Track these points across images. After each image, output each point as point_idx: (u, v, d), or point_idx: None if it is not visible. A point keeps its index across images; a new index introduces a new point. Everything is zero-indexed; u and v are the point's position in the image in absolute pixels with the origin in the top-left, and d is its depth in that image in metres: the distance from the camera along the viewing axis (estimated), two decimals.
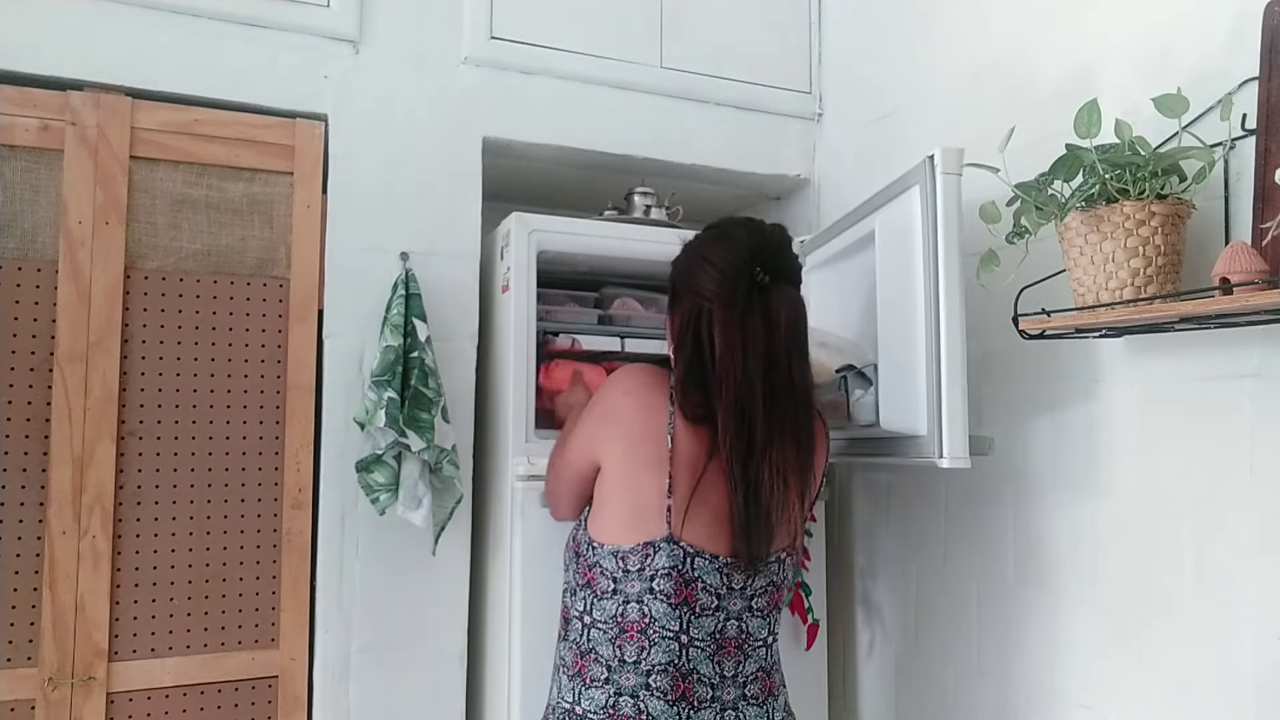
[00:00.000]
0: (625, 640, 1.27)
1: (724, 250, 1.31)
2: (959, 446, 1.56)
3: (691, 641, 1.28)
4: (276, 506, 1.84)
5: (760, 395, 1.26)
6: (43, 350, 1.68)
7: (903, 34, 2.11)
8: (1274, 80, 1.28)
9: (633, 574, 1.28)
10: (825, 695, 2.11)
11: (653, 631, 1.27)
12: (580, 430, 1.39)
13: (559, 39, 2.12)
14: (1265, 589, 1.32)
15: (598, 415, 1.37)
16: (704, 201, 2.54)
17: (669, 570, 1.27)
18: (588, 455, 1.37)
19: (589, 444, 1.37)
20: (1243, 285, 1.16)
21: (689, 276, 1.34)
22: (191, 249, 1.81)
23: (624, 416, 1.33)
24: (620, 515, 1.30)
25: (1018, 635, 1.75)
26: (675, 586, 1.27)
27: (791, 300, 1.33)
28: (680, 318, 1.35)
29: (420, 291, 1.89)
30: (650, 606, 1.27)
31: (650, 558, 1.27)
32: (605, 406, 1.36)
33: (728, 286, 1.28)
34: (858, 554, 2.23)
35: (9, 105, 1.67)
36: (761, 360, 1.27)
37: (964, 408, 1.57)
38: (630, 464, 1.30)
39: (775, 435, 1.27)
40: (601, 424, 1.36)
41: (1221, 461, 1.38)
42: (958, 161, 1.59)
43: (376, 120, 1.96)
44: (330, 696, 1.84)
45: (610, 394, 1.37)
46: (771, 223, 1.39)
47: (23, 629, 1.65)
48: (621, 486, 1.31)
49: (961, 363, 1.58)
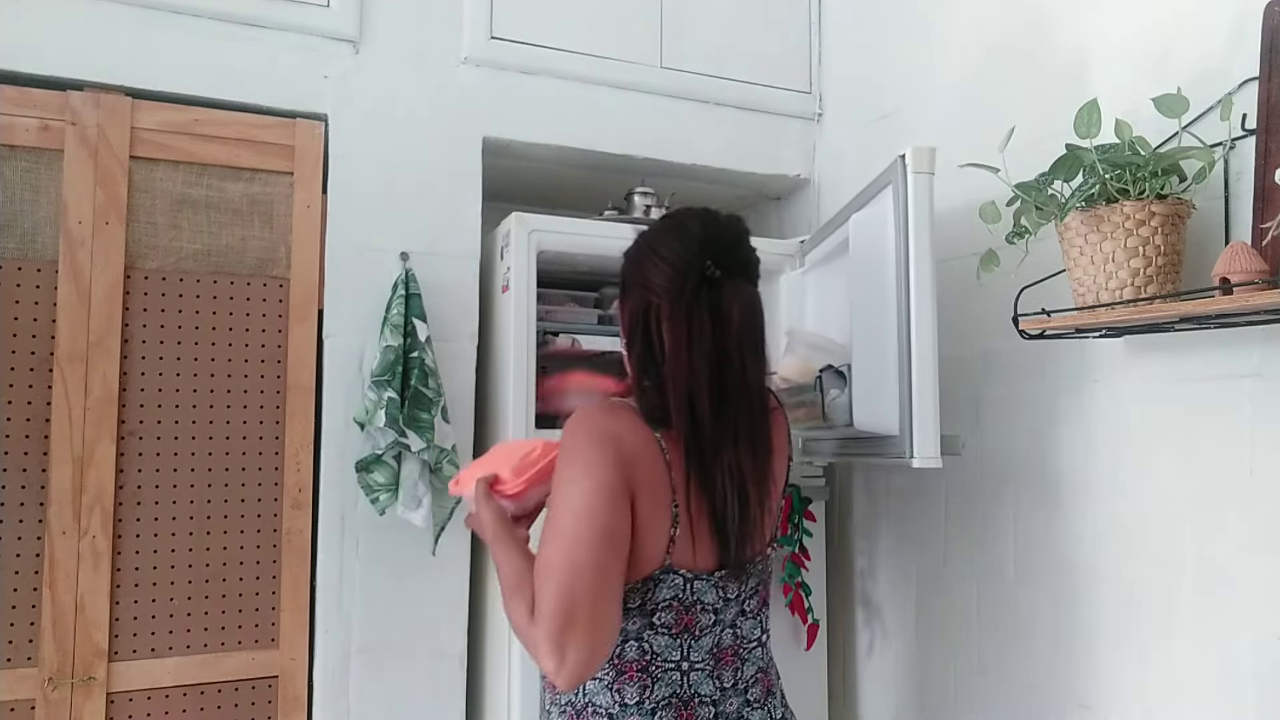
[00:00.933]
0: (625, 683, 1.18)
1: (674, 242, 1.23)
2: (929, 446, 1.57)
3: (692, 666, 1.21)
4: (276, 506, 1.84)
5: (708, 396, 1.17)
6: (43, 350, 1.68)
7: (903, 34, 2.11)
8: (1274, 80, 1.28)
9: (632, 611, 1.18)
10: (825, 695, 2.11)
11: (654, 668, 1.19)
12: (591, 485, 1.11)
13: (559, 39, 2.12)
14: (1265, 589, 1.32)
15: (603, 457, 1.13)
16: (704, 201, 2.49)
17: (670, 601, 1.18)
18: (623, 500, 1.12)
19: (617, 487, 1.11)
20: (1243, 285, 1.16)
21: (638, 269, 1.25)
22: (191, 249, 1.81)
23: (626, 450, 1.15)
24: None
25: (1018, 635, 1.75)
26: (677, 616, 1.19)
27: (746, 296, 1.24)
28: (629, 313, 1.25)
29: (420, 291, 1.89)
30: (651, 642, 1.18)
31: (650, 592, 1.17)
32: (602, 446, 1.14)
33: (677, 280, 1.19)
34: (858, 554, 2.23)
35: (9, 105, 1.67)
36: (709, 359, 1.18)
37: (935, 408, 1.58)
38: (651, 507, 1.15)
39: (728, 438, 1.18)
40: (614, 465, 1.13)
41: (1221, 461, 1.38)
42: (930, 161, 1.60)
43: (376, 120, 1.96)
44: (330, 696, 1.84)
45: (596, 433, 1.16)
46: (729, 214, 1.30)
47: (23, 629, 1.65)
48: (638, 532, 1.15)
49: (932, 363, 1.58)
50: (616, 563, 1.10)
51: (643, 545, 1.15)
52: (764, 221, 2.65)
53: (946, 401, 1.93)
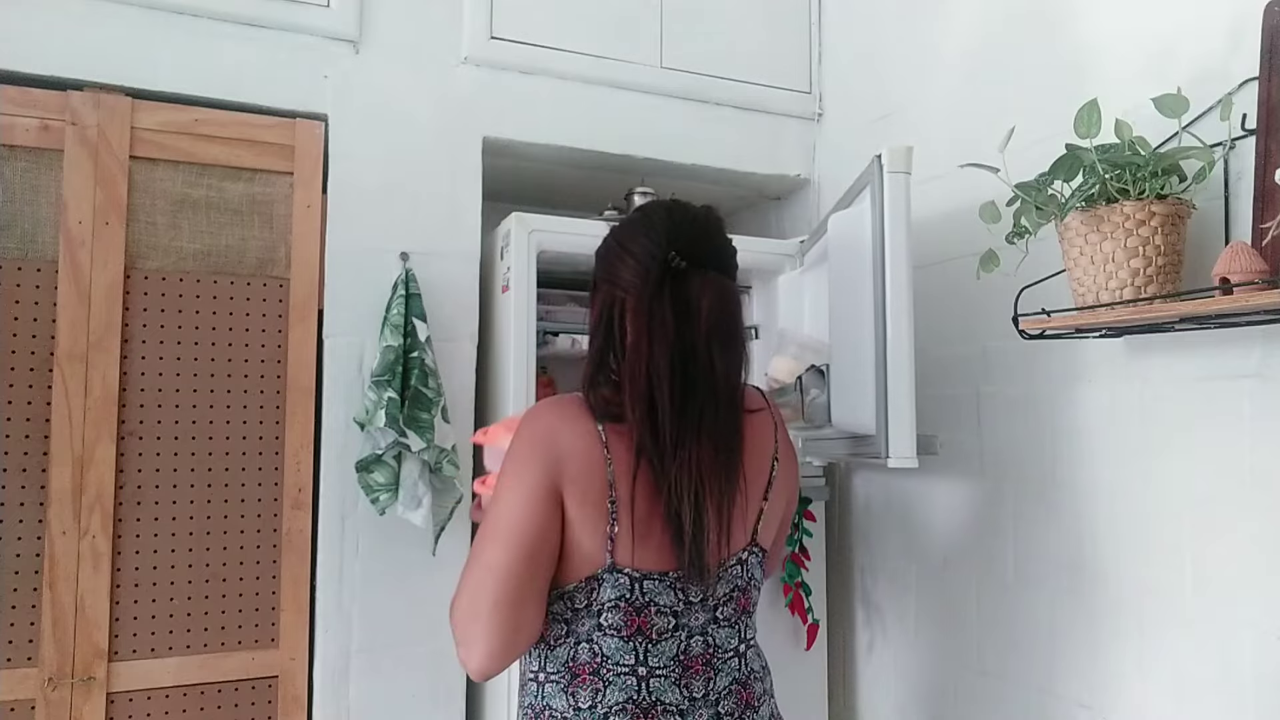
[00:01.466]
0: (578, 686, 1.15)
1: (641, 236, 1.20)
2: (905, 446, 1.57)
3: (651, 672, 1.15)
4: (276, 506, 1.84)
5: (669, 390, 1.13)
6: (43, 350, 1.68)
7: (903, 33, 2.11)
8: (1274, 80, 1.28)
9: (580, 612, 1.15)
10: (825, 695, 2.11)
11: (605, 670, 1.14)
12: (516, 485, 1.12)
13: (559, 39, 2.12)
14: (1265, 589, 1.32)
15: (532, 455, 1.13)
16: (704, 201, 2.52)
17: (615, 602, 1.13)
18: (548, 502, 1.11)
19: (542, 489, 1.11)
20: (1243, 285, 1.16)
21: (606, 264, 1.23)
22: (191, 249, 1.81)
23: (559, 447, 1.13)
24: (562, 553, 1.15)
25: (1018, 635, 1.75)
26: (625, 618, 1.14)
27: (717, 287, 1.19)
28: (597, 308, 1.23)
29: (420, 291, 1.89)
30: (600, 644, 1.14)
31: (595, 592, 1.14)
32: (533, 445, 1.14)
33: (641, 273, 1.17)
34: (858, 554, 2.23)
35: (9, 105, 1.67)
36: (671, 353, 1.14)
37: (911, 409, 1.58)
38: (580, 504, 1.13)
39: (689, 434, 1.14)
40: (543, 464, 1.12)
41: (1221, 461, 1.38)
42: (906, 160, 1.60)
43: (376, 120, 1.96)
44: (330, 696, 1.84)
45: (533, 430, 1.16)
46: (701, 205, 1.27)
47: (23, 629, 1.65)
48: (571, 528, 1.13)
49: (908, 363, 1.58)
50: (528, 564, 1.11)
51: (578, 543, 1.13)
52: (764, 221, 2.65)
53: (946, 401, 1.94)
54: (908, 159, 1.60)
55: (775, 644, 2.03)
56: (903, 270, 1.58)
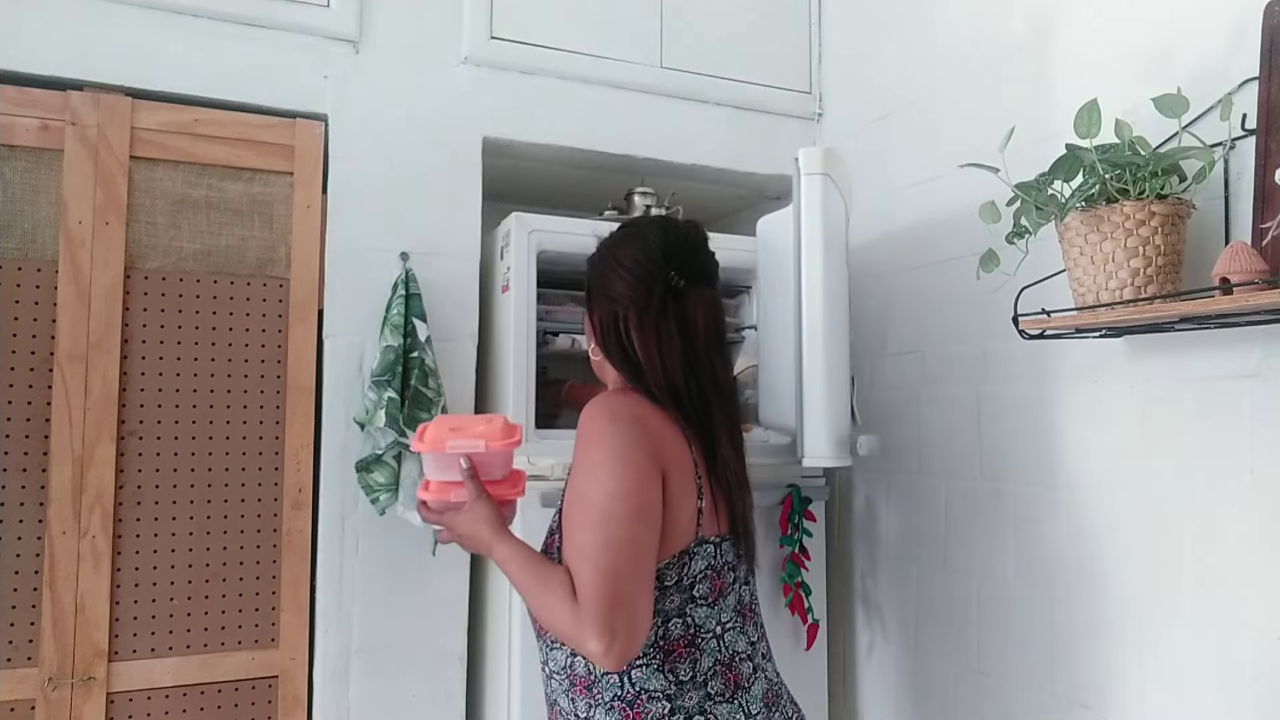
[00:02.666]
0: (675, 661, 1.19)
1: (637, 252, 1.27)
2: (820, 445, 1.60)
3: (724, 628, 1.24)
4: (276, 506, 1.84)
5: (688, 393, 1.24)
6: (43, 350, 1.68)
7: (903, 34, 2.11)
8: (1274, 80, 1.28)
9: (669, 589, 1.19)
10: (825, 695, 2.11)
11: (699, 640, 1.21)
12: (623, 465, 1.13)
13: (559, 39, 2.12)
14: (1265, 589, 1.32)
15: (629, 437, 1.16)
16: (704, 201, 2.54)
17: (705, 572, 1.22)
18: (657, 478, 1.16)
19: (650, 465, 1.15)
20: (1243, 285, 1.16)
21: (602, 279, 1.30)
22: (191, 249, 1.81)
23: (651, 429, 1.19)
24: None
25: (1018, 635, 1.75)
26: (712, 584, 1.23)
27: (709, 302, 1.29)
28: (598, 322, 1.30)
29: (420, 291, 1.89)
30: (693, 615, 1.21)
31: (686, 566, 1.20)
32: (627, 427, 1.17)
33: (641, 291, 1.24)
34: (858, 554, 2.23)
35: (9, 105, 1.67)
36: (681, 363, 1.24)
37: (826, 406, 1.60)
38: (679, 481, 1.20)
39: (720, 427, 1.26)
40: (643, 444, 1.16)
41: (1221, 461, 1.38)
42: (822, 162, 1.63)
43: (376, 120, 1.96)
44: (330, 696, 1.84)
45: (619, 415, 1.18)
46: (687, 220, 1.35)
47: (23, 629, 1.65)
48: (669, 505, 1.18)
49: (827, 361, 1.61)
50: (651, 541, 1.13)
51: (675, 520, 1.18)
52: None
53: (946, 401, 1.94)
54: (825, 161, 1.64)
55: (775, 644, 2.01)
56: (819, 271, 1.62)
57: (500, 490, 1.30)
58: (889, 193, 2.11)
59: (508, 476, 1.32)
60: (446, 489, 1.28)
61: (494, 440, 1.24)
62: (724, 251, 1.99)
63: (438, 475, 1.29)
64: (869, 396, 2.16)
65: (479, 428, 1.26)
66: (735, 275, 2.16)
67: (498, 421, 1.28)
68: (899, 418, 2.07)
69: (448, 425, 1.27)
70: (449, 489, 1.28)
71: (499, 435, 1.25)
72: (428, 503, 1.30)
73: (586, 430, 1.18)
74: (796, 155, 1.64)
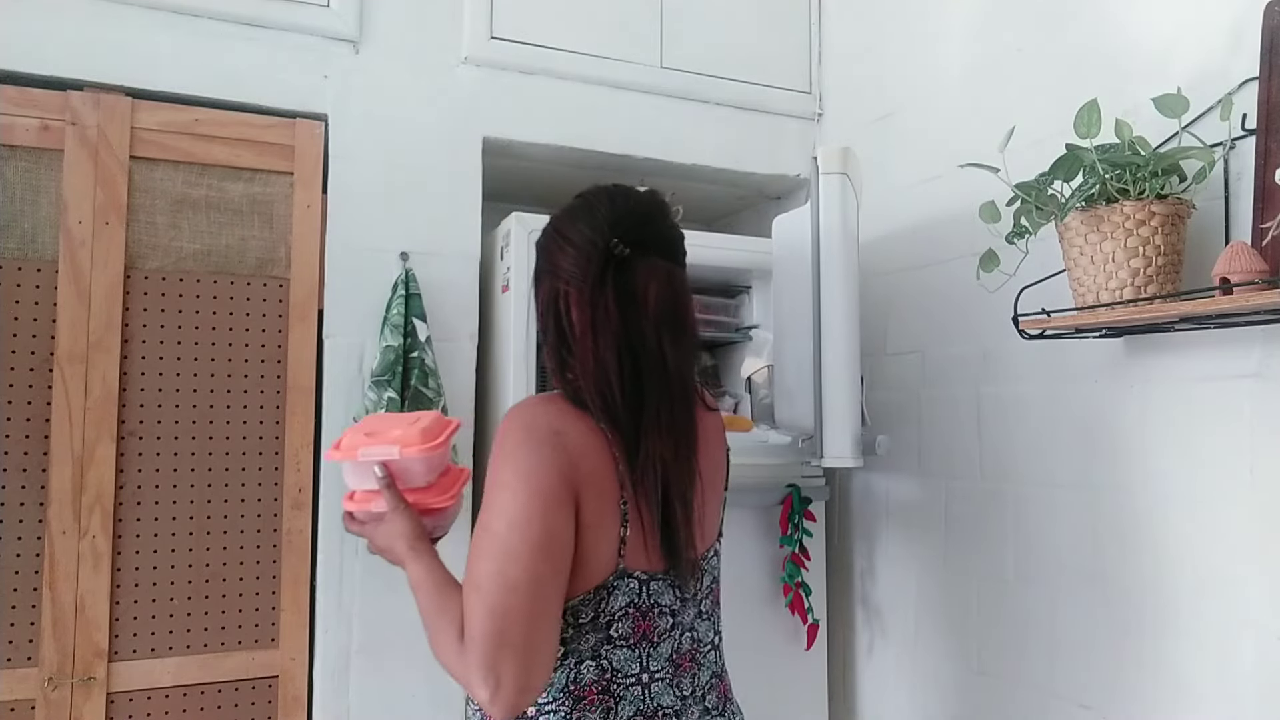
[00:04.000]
0: (585, 709, 1.07)
1: (582, 223, 1.13)
2: (841, 446, 1.58)
3: (653, 677, 1.10)
4: (276, 506, 1.84)
5: (619, 384, 1.07)
6: (43, 350, 1.68)
7: (903, 33, 2.11)
8: (1274, 80, 1.28)
9: (584, 627, 1.07)
10: (825, 695, 2.11)
11: (616, 686, 1.08)
12: (526, 490, 1.01)
13: (559, 39, 2.12)
14: (1265, 589, 1.32)
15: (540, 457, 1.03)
16: (704, 201, 2.54)
17: (625, 609, 1.08)
18: (567, 505, 1.02)
19: (558, 491, 1.02)
20: (1243, 285, 1.16)
21: (547, 254, 1.16)
22: (191, 249, 1.81)
23: (569, 447, 1.05)
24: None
25: (1018, 635, 1.75)
26: (634, 625, 1.08)
27: (664, 274, 1.12)
28: (541, 302, 1.16)
29: (420, 291, 1.89)
30: (610, 658, 1.08)
31: (604, 602, 1.06)
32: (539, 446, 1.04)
33: (582, 263, 1.10)
34: (858, 554, 2.23)
35: (9, 105, 1.67)
36: (618, 344, 1.08)
37: (847, 407, 1.58)
38: (596, 507, 1.05)
39: (650, 428, 1.08)
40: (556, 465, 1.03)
41: (1221, 461, 1.38)
42: (842, 161, 1.61)
43: (376, 120, 1.96)
44: (330, 696, 1.84)
45: (534, 429, 1.05)
46: (645, 189, 1.20)
47: (23, 629, 1.65)
48: (585, 534, 1.05)
49: (845, 362, 1.59)
50: (554, 577, 1.01)
51: (593, 550, 1.05)
52: (764, 222, 2.64)
53: (946, 401, 1.94)
54: (844, 160, 1.62)
55: (775, 644, 2.04)
56: (837, 270, 1.60)
57: (425, 498, 1.17)
58: (889, 193, 2.11)
59: (436, 482, 1.20)
60: (369, 498, 1.17)
61: (410, 445, 1.12)
62: (724, 251, 2.01)
63: (356, 484, 1.18)
64: (869, 397, 2.16)
65: (397, 431, 1.14)
66: (736, 275, 2.16)
67: (423, 421, 1.16)
68: (899, 418, 2.07)
69: (366, 429, 1.15)
70: (371, 498, 1.17)
71: (416, 439, 1.13)
72: (352, 513, 1.20)
73: (499, 443, 1.05)
74: (814, 154, 1.63)
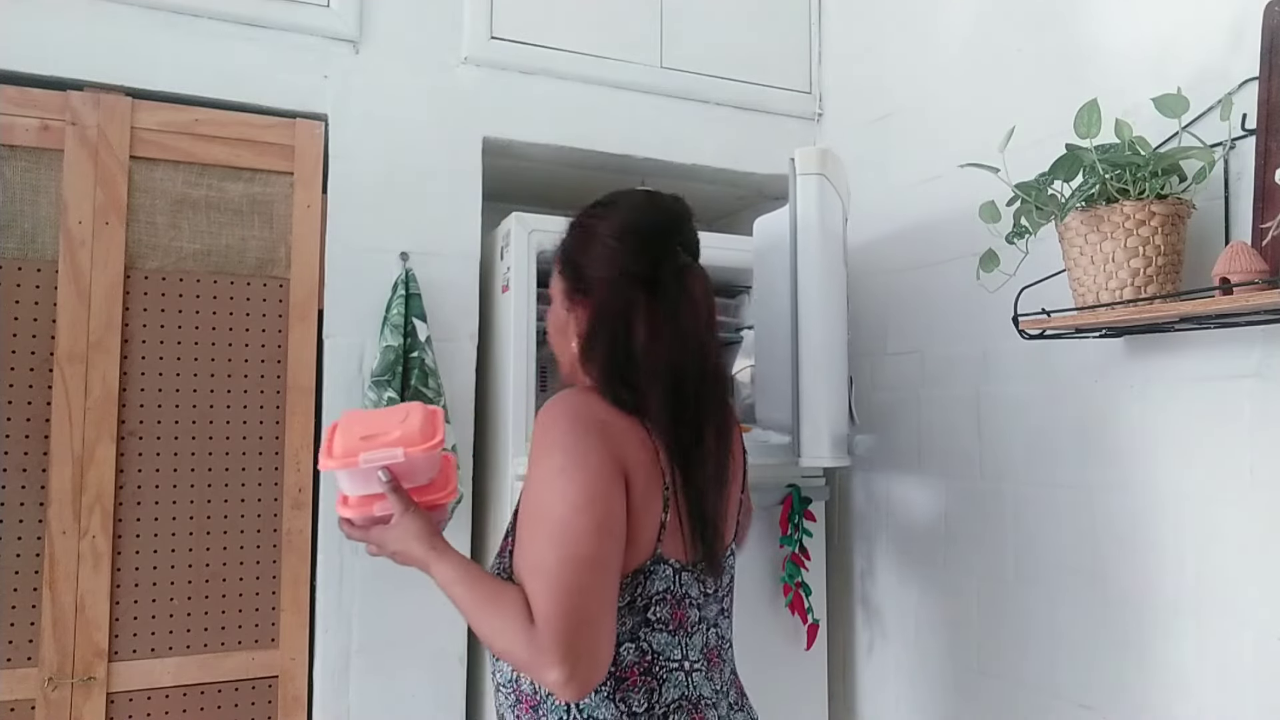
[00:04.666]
0: (628, 690, 1.08)
1: (642, 232, 1.16)
2: (819, 445, 1.59)
3: (693, 667, 1.13)
4: (276, 506, 1.84)
5: (692, 387, 1.12)
6: (43, 350, 1.68)
7: (903, 33, 2.11)
8: (1274, 80, 1.28)
9: (621, 610, 1.08)
10: (825, 695, 2.11)
11: (659, 668, 1.09)
12: (584, 471, 1.03)
13: (559, 39, 2.12)
14: (1265, 589, 1.32)
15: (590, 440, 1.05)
16: (704, 201, 2.54)
17: (663, 594, 1.10)
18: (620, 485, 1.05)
19: (612, 471, 1.04)
20: (1243, 285, 1.16)
21: (601, 261, 1.16)
22: (191, 249, 1.81)
23: (615, 433, 1.08)
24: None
25: (1018, 635, 1.75)
26: (671, 611, 1.11)
27: (706, 279, 1.19)
28: (597, 307, 1.15)
29: (420, 291, 1.89)
30: (650, 640, 1.10)
31: (642, 586, 1.09)
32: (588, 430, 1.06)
33: (649, 269, 1.13)
34: (858, 554, 2.23)
35: (9, 105, 1.67)
36: (687, 349, 1.13)
37: (824, 406, 1.59)
38: (642, 491, 1.08)
39: (705, 428, 1.14)
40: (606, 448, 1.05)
41: (1221, 461, 1.38)
42: (819, 162, 1.62)
43: (376, 120, 1.96)
44: (330, 696, 1.84)
45: (581, 417, 1.07)
46: (669, 194, 1.24)
47: (23, 629, 1.65)
48: (631, 517, 1.07)
49: (824, 361, 1.60)
50: (616, 556, 1.03)
51: (636, 533, 1.07)
52: None
53: (946, 401, 1.94)
54: (821, 161, 1.63)
55: (775, 644, 2.03)
56: (815, 271, 1.61)
57: (428, 495, 1.16)
58: (889, 193, 2.11)
59: (435, 478, 1.18)
60: (369, 502, 1.13)
61: (414, 445, 1.09)
62: (724, 251, 2.01)
63: (356, 490, 1.14)
64: (869, 396, 2.16)
65: (394, 431, 1.10)
66: (735, 275, 2.16)
67: (414, 418, 1.12)
68: (899, 418, 2.07)
69: (358, 431, 1.10)
70: (371, 502, 1.13)
71: (418, 437, 1.10)
72: (351, 518, 1.16)
73: (546, 433, 1.06)
74: (793, 155, 1.64)
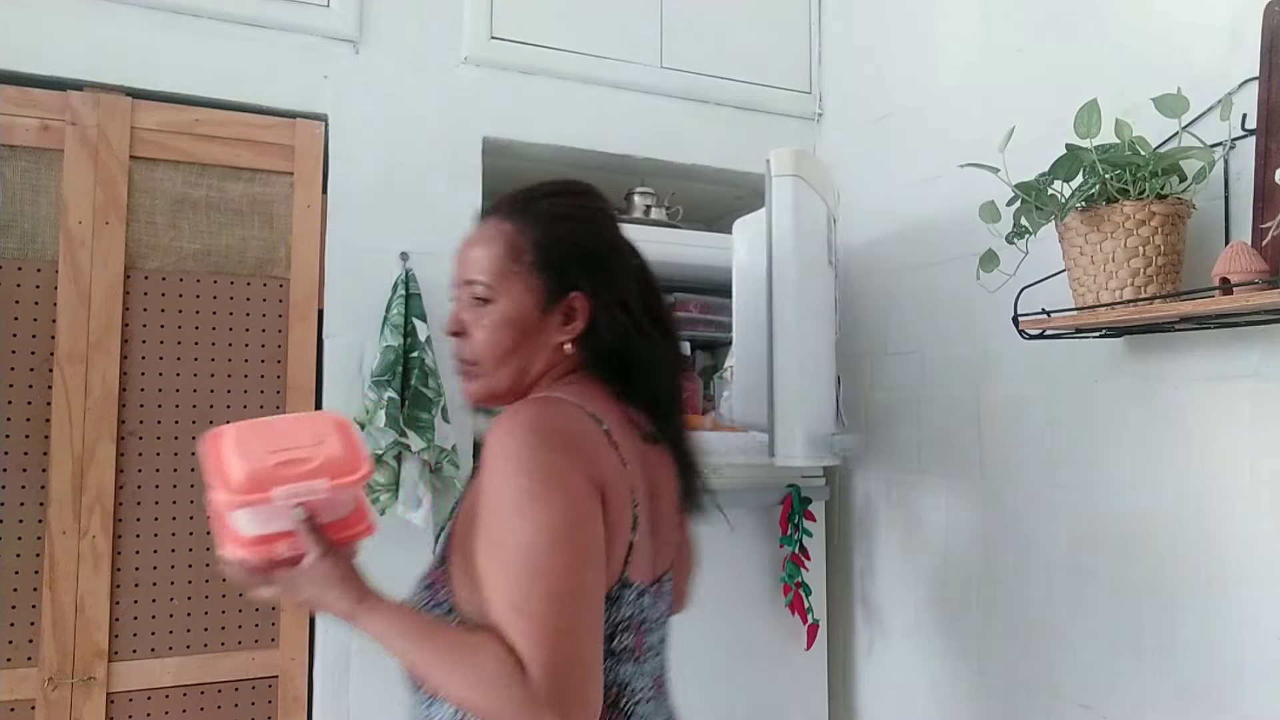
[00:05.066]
0: None
1: (618, 230, 1.12)
2: (793, 446, 1.59)
3: (646, 697, 1.03)
4: None
5: (670, 388, 1.11)
6: (43, 350, 1.68)
7: (903, 33, 2.11)
8: (1274, 80, 1.28)
9: None
10: (825, 695, 2.11)
11: (625, 701, 0.98)
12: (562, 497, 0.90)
13: (558, 39, 2.12)
14: (1265, 589, 1.32)
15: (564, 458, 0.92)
16: (704, 201, 2.54)
17: (628, 621, 0.99)
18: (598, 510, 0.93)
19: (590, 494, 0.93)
20: (1243, 285, 1.16)
21: (596, 259, 1.07)
22: (191, 249, 1.81)
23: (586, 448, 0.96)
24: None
25: (1018, 635, 1.75)
26: (635, 639, 1.01)
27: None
28: (596, 307, 1.05)
29: (420, 291, 1.89)
30: (615, 672, 0.98)
31: (609, 614, 0.96)
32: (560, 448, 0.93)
33: (632, 272, 1.10)
34: (857, 554, 2.23)
35: (9, 105, 1.67)
36: (674, 350, 1.12)
37: (798, 406, 1.60)
38: (614, 511, 0.97)
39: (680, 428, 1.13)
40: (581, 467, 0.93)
41: (1221, 461, 1.38)
42: (793, 163, 1.63)
43: (376, 120, 1.96)
44: (330, 696, 1.84)
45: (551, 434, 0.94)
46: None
47: (23, 629, 1.64)
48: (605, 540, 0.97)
49: (798, 362, 1.61)
50: (599, 587, 0.92)
51: (610, 556, 0.96)
52: None
53: (946, 401, 1.94)
54: (795, 162, 1.64)
55: (775, 644, 2.04)
56: (790, 271, 1.61)
57: (346, 531, 0.97)
58: (889, 193, 2.11)
59: (352, 511, 0.99)
60: (270, 541, 0.91)
61: (340, 475, 0.90)
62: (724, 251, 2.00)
63: (257, 529, 0.91)
64: (869, 396, 2.16)
65: (314, 458, 0.89)
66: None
67: (333, 440, 0.91)
68: (899, 418, 2.07)
69: (259, 451, 0.88)
70: (275, 540, 0.92)
71: (342, 465, 0.90)
72: (247, 560, 0.93)
73: (507, 451, 0.91)
74: (768, 157, 1.65)
